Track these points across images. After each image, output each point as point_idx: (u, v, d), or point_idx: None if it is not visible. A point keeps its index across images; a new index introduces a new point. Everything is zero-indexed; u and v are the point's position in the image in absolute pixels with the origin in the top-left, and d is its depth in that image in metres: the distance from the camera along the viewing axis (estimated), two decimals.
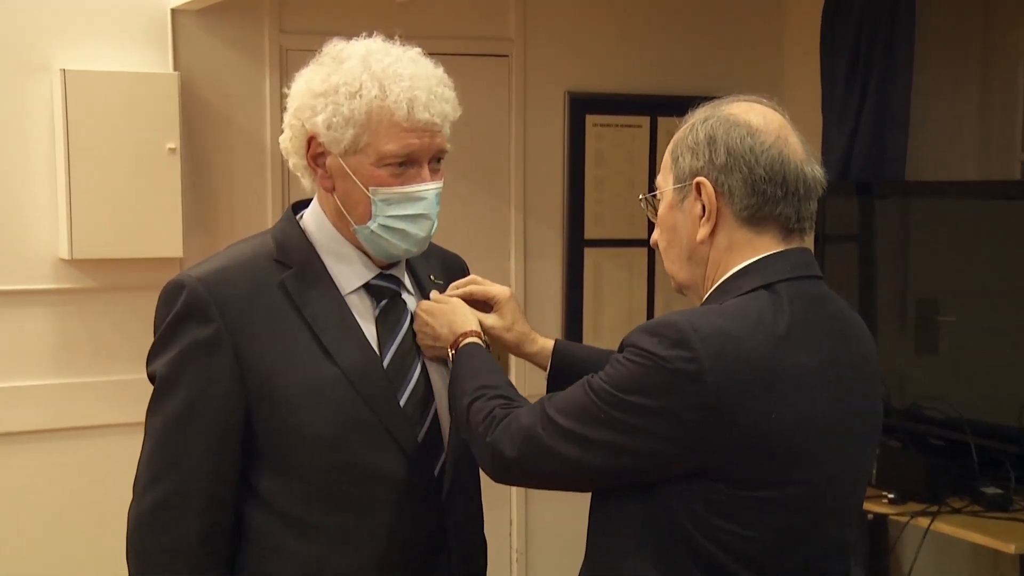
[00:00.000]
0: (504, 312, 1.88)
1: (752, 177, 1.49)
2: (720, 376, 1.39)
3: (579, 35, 4.09)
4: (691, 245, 1.56)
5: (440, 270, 1.93)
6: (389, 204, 1.68)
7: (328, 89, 1.67)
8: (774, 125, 1.53)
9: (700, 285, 1.59)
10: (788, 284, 1.49)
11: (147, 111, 3.42)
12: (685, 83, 4.15)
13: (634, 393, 1.43)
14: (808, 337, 1.47)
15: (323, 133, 1.67)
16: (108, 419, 3.51)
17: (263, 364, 1.65)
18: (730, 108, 1.56)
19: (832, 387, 1.49)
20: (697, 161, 1.53)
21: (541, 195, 4.09)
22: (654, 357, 1.42)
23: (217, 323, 1.64)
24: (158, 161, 3.43)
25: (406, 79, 1.65)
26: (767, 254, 1.51)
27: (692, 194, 1.54)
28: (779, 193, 1.50)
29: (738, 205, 1.51)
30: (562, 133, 4.10)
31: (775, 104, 1.58)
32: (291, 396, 1.65)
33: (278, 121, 3.84)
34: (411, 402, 1.74)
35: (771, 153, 1.49)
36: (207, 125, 3.63)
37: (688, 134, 1.56)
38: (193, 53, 3.58)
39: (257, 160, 3.69)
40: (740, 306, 1.47)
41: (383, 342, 1.75)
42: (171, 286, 1.69)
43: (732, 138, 1.51)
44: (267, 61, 3.67)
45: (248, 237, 1.82)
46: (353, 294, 1.75)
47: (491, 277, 1.94)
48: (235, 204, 3.67)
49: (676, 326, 1.42)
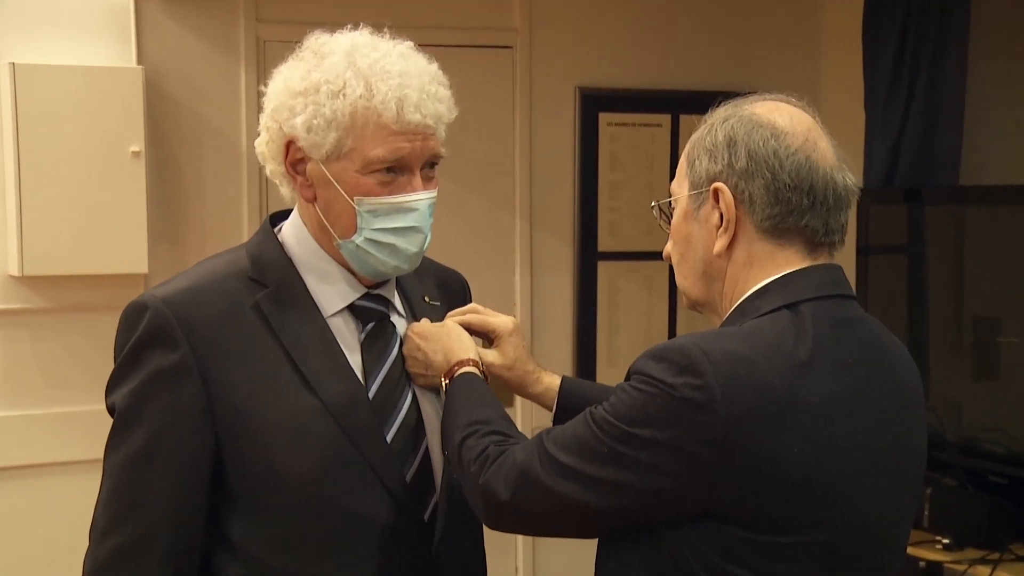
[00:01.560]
0: (506, 347, 1.88)
1: (776, 184, 1.49)
2: (732, 405, 1.39)
3: (591, 23, 4.09)
4: (707, 258, 1.56)
5: (436, 289, 1.93)
6: (376, 216, 1.67)
7: (308, 87, 1.66)
8: (802, 127, 1.53)
9: (717, 303, 1.59)
10: (813, 304, 1.49)
11: (107, 110, 3.42)
12: (710, 77, 4.15)
13: (639, 425, 1.43)
14: (833, 363, 1.46)
15: (302, 136, 1.66)
16: (61, 456, 3.50)
17: (235, 395, 1.64)
18: (753, 107, 1.56)
19: (861, 419, 1.47)
20: (715, 165, 1.54)
21: (549, 203, 4.09)
22: (660, 384, 1.42)
23: (184, 349, 1.63)
24: (120, 166, 3.43)
25: (395, 76, 1.65)
26: (790, 271, 1.51)
27: (709, 201, 1.54)
28: (805, 202, 1.49)
29: (759, 215, 1.51)
30: (572, 133, 4.10)
31: (805, 104, 1.58)
32: (266, 431, 1.65)
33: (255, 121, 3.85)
34: (399, 437, 1.73)
35: (797, 158, 1.49)
36: (175, 125, 3.63)
37: (706, 135, 1.57)
38: (159, 45, 3.59)
39: (231, 165, 3.69)
40: (757, 328, 1.47)
41: (369, 370, 1.74)
42: (133, 308, 1.68)
43: (754, 140, 1.51)
44: (242, 54, 3.67)
45: (220, 252, 1.81)
46: (336, 316, 1.75)
47: (493, 295, 1.94)
48: (206, 214, 3.67)
49: (684, 350, 1.42)
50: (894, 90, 3.82)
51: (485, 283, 2.05)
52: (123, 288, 3.49)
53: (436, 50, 1.77)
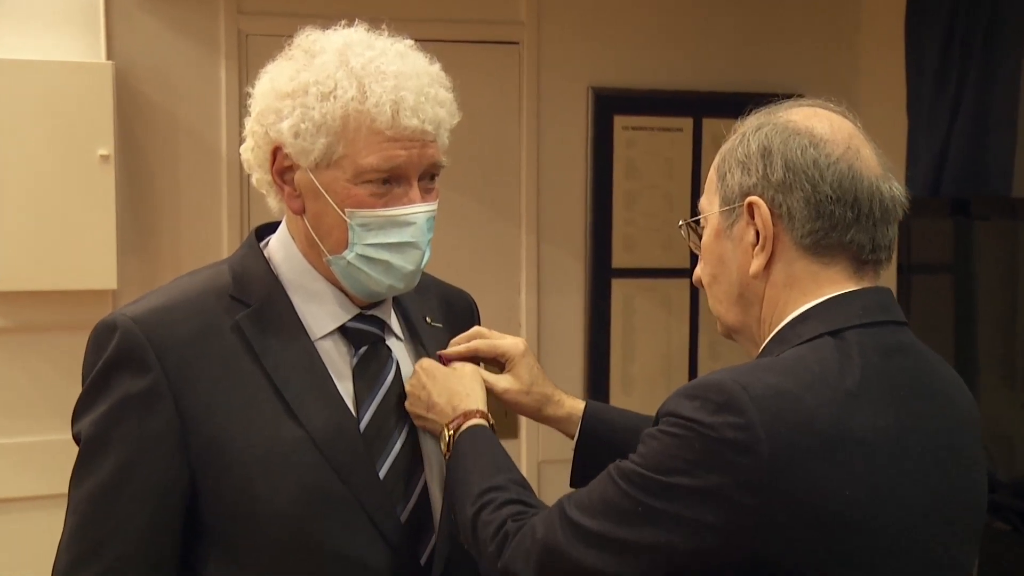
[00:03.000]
0: (520, 370, 1.90)
1: (816, 196, 1.49)
2: (777, 445, 1.38)
3: (606, 17, 4.10)
4: (742, 280, 1.57)
5: (440, 310, 1.93)
6: (369, 230, 1.68)
7: (296, 89, 1.67)
8: (843, 134, 1.53)
9: (754, 329, 1.59)
10: (859, 331, 1.48)
11: (74, 109, 3.43)
12: (736, 78, 4.16)
13: (675, 473, 1.42)
14: (884, 395, 1.46)
15: (290, 142, 1.67)
16: (22, 490, 3.50)
17: (211, 424, 1.64)
18: (789, 114, 1.57)
19: (916, 458, 1.47)
20: (749, 178, 1.54)
21: (558, 214, 4.09)
22: (696, 425, 1.41)
23: (155, 373, 1.63)
24: (87, 171, 3.44)
25: (390, 78, 1.66)
26: (834, 294, 1.51)
27: (743, 218, 1.55)
28: (849, 215, 1.50)
29: (799, 230, 1.51)
30: (584, 138, 4.11)
31: (844, 109, 1.58)
32: (245, 464, 1.64)
33: (236, 123, 3.90)
34: (393, 472, 1.73)
35: (839, 167, 1.50)
36: (148, 127, 3.64)
37: (738, 146, 1.57)
38: (131, 38, 3.60)
39: (210, 172, 3.70)
40: (798, 357, 1.47)
41: (361, 399, 1.74)
42: (102, 327, 1.67)
43: (791, 149, 1.51)
44: (222, 49, 3.68)
45: (200, 268, 1.82)
46: (326, 339, 1.75)
47: (495, 316, 1.94)
48: (182, 226, 3.68)
49: (721, 386, 1.41)
50: (940, 91, 3.82)
51: (487, 303, 2.05)
52: (89, 306, 3.49)
53: (433, 46, 1.77)
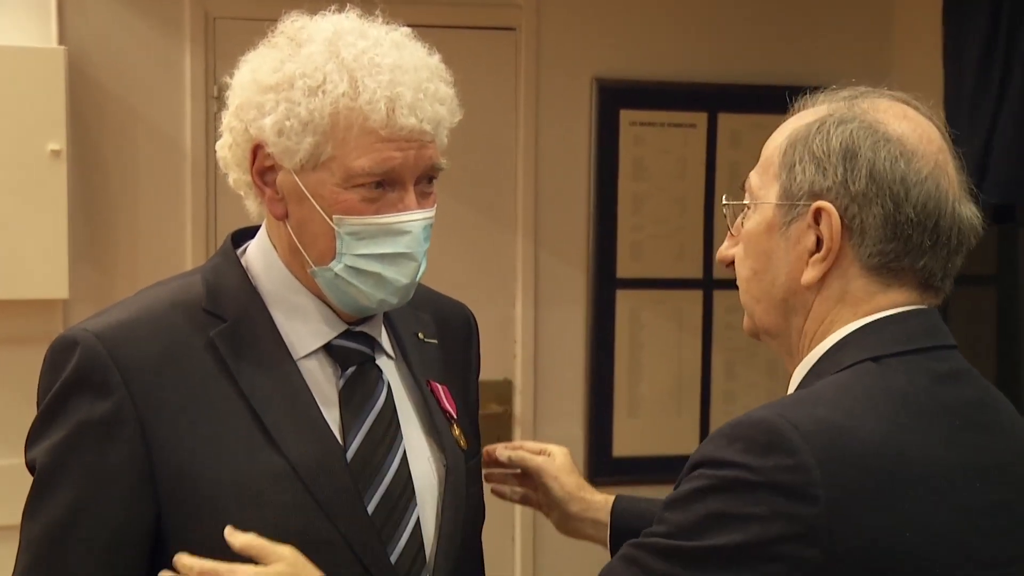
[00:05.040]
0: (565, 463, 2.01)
1: (897, 216, 1.47)
2: (835, 487, 1.36)
3: (611, 2, 4.11)
4: (790, 286, 1.55)
5: (434, 325, 1.93)
6: (359, 239, 1.67)
7: (281, 81, 1.66)
8: (933, 146, 1.50)
9: (793, 339, 1.57)
10: (905, 357, 1.47)
11: (21, 99, 3.43)
12: (756, 69, 4.17)
13: (715, 532, 1.37)
14: (937, 427, 1.45)
15: (272, 141, 1.66)
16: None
17: (179, 454, 1.64)
18: (876, 110, 1.53)
19: (977, 495, 1.45)
20: (824, 179, 1.50)
21: (558, 218, 4.10)
22: (740, 469, 1.38)
23: (119, 396, 1.62)
24: (36, 167, 3.44)
25: (385, 71, 1.65)
26: (874, 318, 1.50)
27: (805, 219, 1.52)
28: (927, 242, 1.48)
29: (869, 248, 1.49)
30: (588, 134, 4.12)
31: (929, 109, 1.55)
32: (217, 497, 1.64)
33: (202, 115, 3.91)
34: (383, 508, 1.72)
35: (927, 187, 1.47)
36: (104, 119, 3.65)
37: (815, 134, 1.53)
38: (86, 21, 3.60)
39: (172, 169, 3.70)
40: (842, 386, 1.45)
41: (348, 425, 1.74)
42: (59, 344, 1.68)
43: (880, 158, 1.48)
44: (187, 33, 3.68)
45: (169, 279, 1.81)
46: (309, 359, 1.74)
47: (490, 331, 1.93)
48: (141, 229, 3.68)
49: (765, 423, 1.39)
50: (982, 86, 3.83)
51: (479, 317, 2.05)
52: (38, 317, 3.49)
53: (419, 31, 1.77)
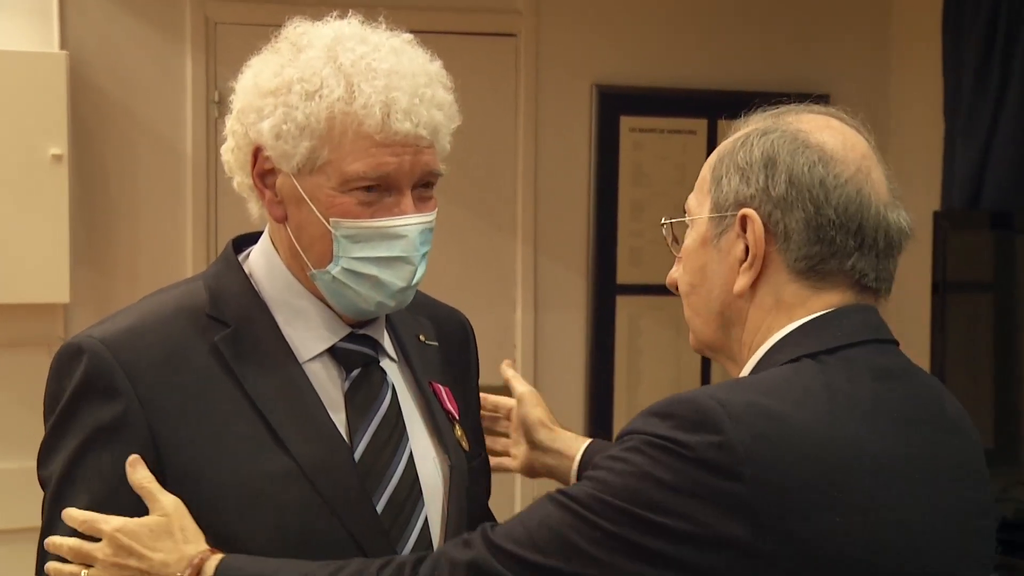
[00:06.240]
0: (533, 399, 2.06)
1: (818, 219, 1.51)
2: (760, 468, 1.38)
3: (612, 8, 4.12)
4: (724, 297, 1.58)
5: (434, 329, 1.94)
6: (355, 242, 1.68)
7: (280, 86, 1.67)
8: (855, 152, 1.54)
9: (734, 351, 1.60)
10: (844, 352, 1.50)
11: (23, 104, 3.44)
12: (755, 75, 4.17)
13: (643, 498, 1.40)
14: (878, 418, 1.47)
15: (270, 144, 1.68)
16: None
17: (188, 457, 1.64)
18: (800, 121, 1.58)
19: (921, 490, 1.47)
20: (747, 187, 1.55)
21: (558, 224, 4.11)
22: (669, 444, 1.41)
23: (127, 399, 1.63)
24: (38, 172, 3.45)
25: (381, 76, 1.66)
26: (812, 316, 1.53)
27: (734, 229, 1.56)
28: (851, 244, 1.52)
29: (794, 253, 1.52)
30: (588, 140, 4.13)
31: (859, 123, 1.60)
32: (225, 497, 1.64)
33: (202, 120, 3.92)
34: (391, 508, 1.73)
35: (847, 190, 1.51)
36: (105, 124, 3.66)
37: (739, 148, 1.58)
38: (87, 26, 3.61)
39: (173, 174, 3.71)
40: (776, 376, 1.48)
41: (355, 426, 1.74)
42: (65, 352, 1.67)
43: (798, 164, 1.52)
44: (188, 38, 3.68)
45: (170, 285, 1.80)
46: (314, 362, 1.75)
47: (488, 337, 1.94)
48: (142, 233, 3.69)
49: (695, 402, 1.42)
50: (980, 92, 3.84)
51: (478, 323, 2.05)
52: (39, 321, 3.50)
53: (422, 38, 1.78)
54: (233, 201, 1.78)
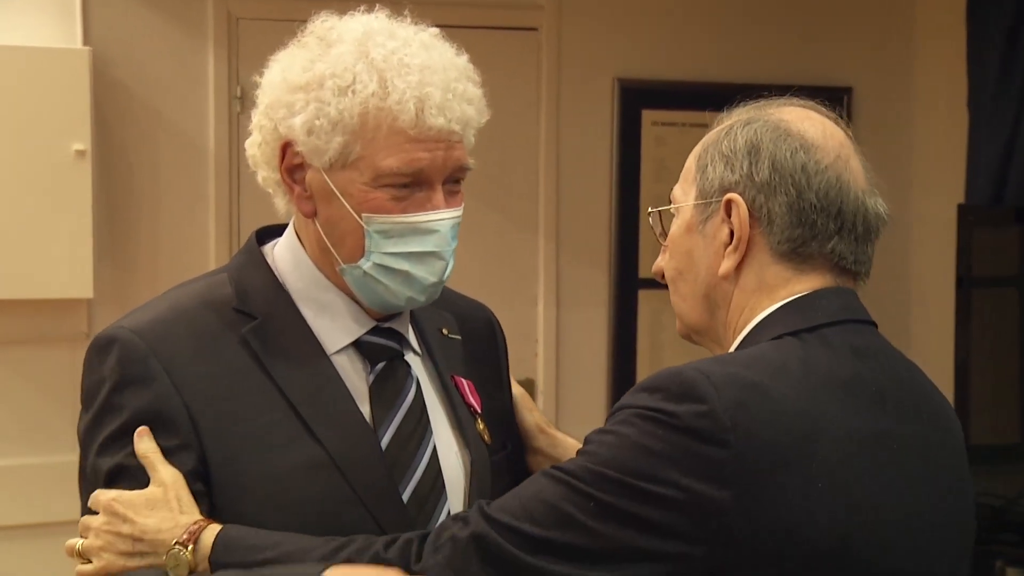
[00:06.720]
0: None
1: (801, 203, 1.56)
2: (742, 436, 1.42)
3: (633, 2, 4.12)
4: (710, 280, 1.63)
5: (457, 323, 1.94)
6: (387, 237, 1.68)
7: (311, 81, 1.67)
8: (834, 141, 1.60)
9: (719, 333, 1.65)
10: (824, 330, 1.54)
11: (47, 100, 3.45)
12: (777, 69, 4.16)
13: (634, 467, 1.44)
14: (858, 395, 1.51)
15: (302, 139, 1.68)
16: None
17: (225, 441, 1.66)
18: (781, 112, 1.63)
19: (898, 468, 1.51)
20: (732, 174, 1.60)
21: (580, 219, 4.10)
22: (657, 414, 1.45)
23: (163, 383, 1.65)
24: (61, 167, 3.46)
25: (415, 72, 1.66)
26: (793, 297, 1.58)
27: (719, 214, 1.61)
28: (831, 227, 1.57)
29: (778, 236, 1.58)
30: (609, 134, 4.12)
31: (836, 116, 1.65)
32: (255, 488, 1.65)
33: (224, 115, 3.92)
34: (416, 499, 1.74)
35: (827, 176, 1.57)
36: (128, 120, 3.67)
37: (723, 138, 1.64)
38: (111, 22, 3.62)
39: (195, 169, 3.72)
40: (761, 352, 1.53)
41: (379, 418, 1.75)
42: (97, 344, 1.69)
43: (781, 150, 1.58)
44: (210, 34, 3.69)
45: (193, 279, 1.81)
46: (340, 354, 1.76)
47: (511, 332, 1.94)
48: (165, 229, 3.70)
49: (680, 375, 1.46)
50: (1005, 85, 3.82)
51: (502, 317, 2.05)
52: (62, 317, 3.51)
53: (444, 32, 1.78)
54: (255, 196, 1.79)
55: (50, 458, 3.34)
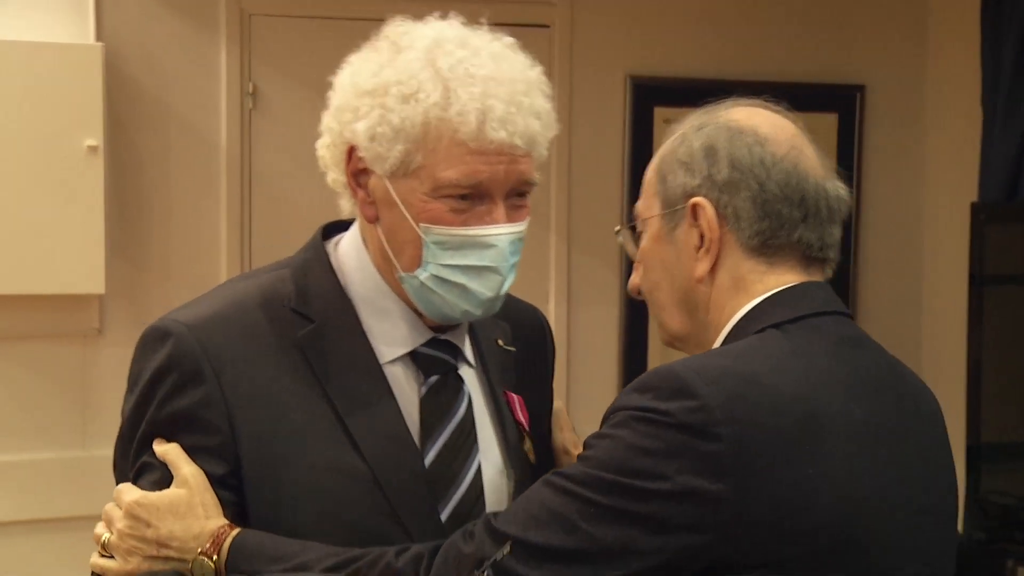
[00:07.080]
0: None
1: (763, 195, 1.59)
2: (736, 426, 1.44)
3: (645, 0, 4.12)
4: (686, 285, 1.65)
5: (512, 331, 1.93)
6: (445, 249, 1.67)
7: (377, 87, 1.66)
8: (786, 133, 1.63)
9: (702, 337, 1.66)
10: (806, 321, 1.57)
11: (59, 96, 3.44)
12: (789, 66, 4.17)
13: (631, 468, 1.46)
14: (846, 384, 1.54)
15: (365, 145, 1.67)
16: None
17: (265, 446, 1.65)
18: (730, 113, 1.66)
19: (889, 450, 1.54)
20: (692, 178, 1.62)
21: (592, 217, 4.10)
22: (651, 414, 1.46)
23: (210, 384, 1.65)
24: (73, 163, 3.45)
25: (479, 83, 1.64)
26: (774, 291, 1.60)
27: (686, 220, 1.63)
28: (797, 215, 1.60)
29: (746, 231, 1.60)
30: (621, 131, 4.12)
31: (783, 110, 1.68)
32: (296, 492, 1.65)
33: (236, 112, 3.92)
34: (455, 519, 1.71)
35: (784, 166, 1.60)
36: (140, 116, 3.66)
37: (678, 146, 1.65)
38: (123, 18, 3.61)
39: (207, 166, 3.70)
40: (744, 345, 1.56)
41: (427, 433, 1.74)
42: (151, 334, 1.70)
43: (737, 148, 1.61)
44: (223, 30, 3.67)
45: (256, 271, 1.82)
46: (394, 364, 1.75)
47: None
48: (176, 225, 3.69)
49: (670, 373, 1.48)
50: (1019, 82, 3.81)
51: None
52: (74, 312, 3.51)
53: None
54: (267, 192, 1.78)
55: (62, 453, 3.34)
